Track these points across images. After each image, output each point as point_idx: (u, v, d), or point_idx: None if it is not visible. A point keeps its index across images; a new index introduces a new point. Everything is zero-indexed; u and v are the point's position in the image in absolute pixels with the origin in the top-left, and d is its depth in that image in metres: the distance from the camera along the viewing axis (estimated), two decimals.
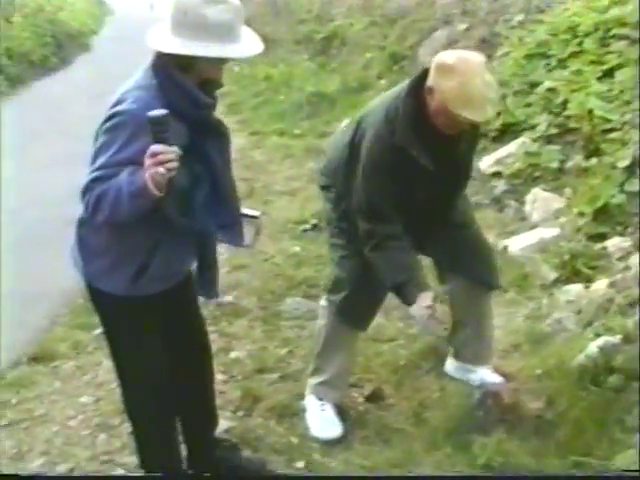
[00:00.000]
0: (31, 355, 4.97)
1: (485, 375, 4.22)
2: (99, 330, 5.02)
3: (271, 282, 5.85)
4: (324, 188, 4.08)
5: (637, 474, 3.15)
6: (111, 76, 15.35)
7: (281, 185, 8.14)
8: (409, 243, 3.75)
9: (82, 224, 3.14)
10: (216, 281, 3.33)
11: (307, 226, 6.87)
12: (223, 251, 3.69)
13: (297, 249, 6.48)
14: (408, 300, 3.70)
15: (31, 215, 7.23)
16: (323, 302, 4.18)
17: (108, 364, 4.66)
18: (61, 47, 18.49)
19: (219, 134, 3.14)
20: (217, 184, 3.10)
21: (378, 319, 4.51)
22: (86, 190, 2.87)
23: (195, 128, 2.99)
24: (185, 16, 2.87)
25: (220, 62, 2.99)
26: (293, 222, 7.03)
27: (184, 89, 2.93)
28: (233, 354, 4.85)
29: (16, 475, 3.84)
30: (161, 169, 2.68)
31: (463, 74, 3.39)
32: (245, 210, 3.27)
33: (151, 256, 3.06)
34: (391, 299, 4.04)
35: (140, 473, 3.54)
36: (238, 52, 2.95)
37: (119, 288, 3.11)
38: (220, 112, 3.20)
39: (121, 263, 3.09)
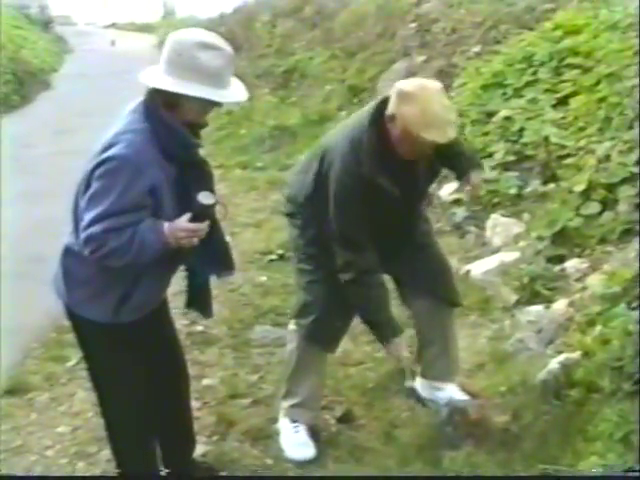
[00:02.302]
0: (5, 388, 4.99)
1: (452, 393, 4.33)
2: (72, 362, 5.15)
3: (240, 311, 5.94)
4: (290, 215, 4.16)
5: (637, 474, 3.26)
6: (72, 113, 15.43)
7: (246, 217, 8.22)
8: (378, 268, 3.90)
9: (67, 253, 3.24)
10: (211, 300, 3.50)
11: (273, 256, 6.96)
12: None
13: (264, 279, 6.58)
14: (382, 339, 3.95)
15: None
16: (291, 326, 4.26)
17: (83, 394, 4.77)
18: (22, 85, 18.44)
19: (204, 172, 3.26)
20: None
21: (346, 344, 4.64)
22: (96, 239, 2.98)
23: (182, 167, 3.11)
24: (179, 57, 2.99)
25: (208, 105, 3.10)
26: (259, 252, 7.11)
27: (175, 131, 3.04)
28: (206, 381, 4.93)
29: (16, 475, 3.90)
30: (195, 240, 3.02)
31: (423, 99, 3.54)
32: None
33: (134, 286, 3.17)
34: (358, 324, 4.17)
35: None
36: (227, 97, 3.07)
37: (101, 316, 3.20)
38: None
39: (104, 292, 3.19)
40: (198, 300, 3.48)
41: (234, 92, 3.12)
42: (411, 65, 10.93)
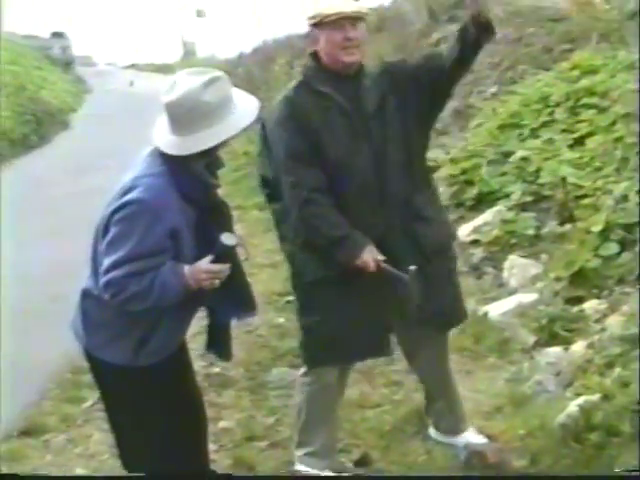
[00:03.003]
0: (21, 429, 4.98)
1: (469, 437, 4.28)
2: (88, 403, 5.13)
3: (257, 353, 5.92)
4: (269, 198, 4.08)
5: (637, 474, 3.23)
6: (90, 153, 15.52)
7: (263, 258, 8.20)
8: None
9: (86, 296, 3.23)
10: (231, 343, 3.48)
11: (290, 298, 6.90)
12: None
13: (281, 320, 6.55)
14: (353, 254, 3.67)
15: (15, 292, 7.27)
16: (300, 378, 4.17)
17: (99, 436, 4.75)
18: (41, 125, 18.65)
19: (223, 214, 3.25)
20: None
21: (363, 386, 4.61)
22: (116, 284, 2.98)
23: (201, 209, 3.11)
24: (190, 113, 2.97)
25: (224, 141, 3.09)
26: (277, 294, 7.08)
27: (194, 174, 3.05)
28: (222, 423, 4.89)
29: (16, 475, 3.88)
30: (216, 282, 3.03)
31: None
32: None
33: (153, 329, 3.16)
34: (376, 366, 4.15)
35: None
36: (235, 127, 3.04)
37: (120, 359, 3.19)
38: None
39: (123, 335, 3.17)
40: (218, 342, 3.47)
41: (240, 116, 3.07)
42: None
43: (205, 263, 3.04)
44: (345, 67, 3.76)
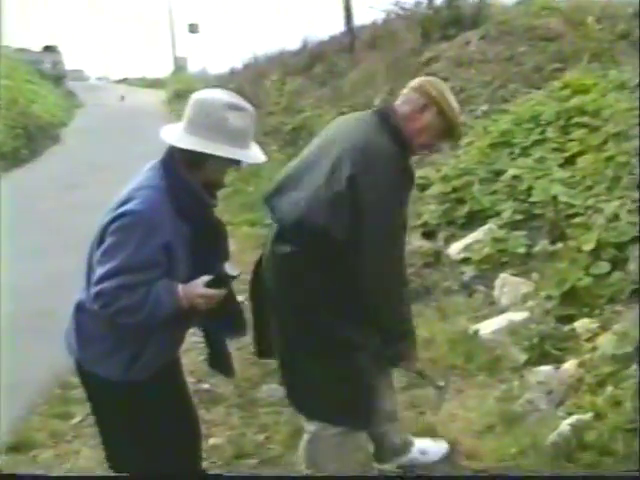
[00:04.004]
0: (9, 444, 4.94)
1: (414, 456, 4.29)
2: (77, 419, 5.11)
3: (247, 370, 5.87)
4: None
5: (637, 474, 3.22)
6: (81, 168, 15.49)
7: None
8: None
9: (80, 309, 3.23)
10: (231, 360, 3.54)
11: None
12: (199, 339, 3.77)
13: None
14: (409, 354, 3.78)
15: (3, 307, 7.23)
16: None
17: (88, 452, 4.72)
18: (32, 139, 18.61)
19: (218, 233, 3.29)
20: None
21: None
22: (108, 295, 2.98)
23: (197, 227, 3.12)
24: (207, 117, 3.02)
25: (228, 165, 3.15)
26: None
27: (192, 190, 3.07)
28: (212, 440, 4.86)
29: (16, 475, 3.85)
30: (211, 304, 3.06)
31: (448, 93, 3.69)
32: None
33: (146, 344, 3.16)
34: None
35: None
36: (252, 158, 3.13)
37: (112, 373, 3.18)
38: None
39: (116, 350, 3.17)
40: (218, 360, 3.51)
41: (256, 153, 3.17)
42: None
43: (201, 287, 3.05)
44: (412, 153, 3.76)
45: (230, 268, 3.08)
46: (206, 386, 5.55)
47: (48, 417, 5.33)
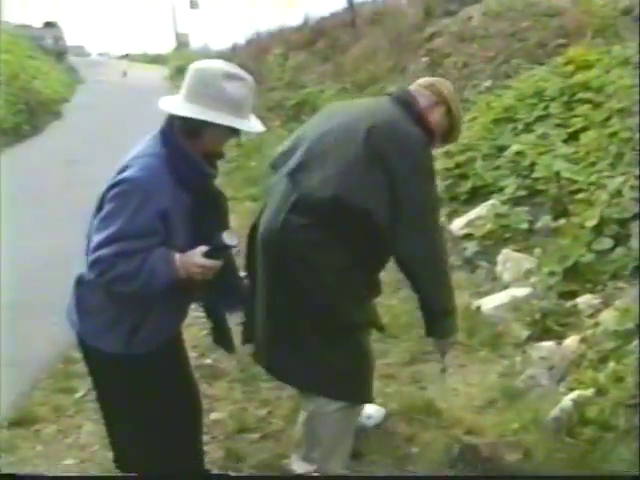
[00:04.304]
0: (12, 419, 4.93)
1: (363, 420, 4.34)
2: (80, 394, 5.11)
3: (249, 345, 5.89)
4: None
5: (637, 474, 3.23)
6: (82, 143, 15.46)
7: None
8: None
9: (80, 283, 3.22)
10: (231, 335, 3.55)
11: None
12: (201, 314, 3.76)
13: None
14: (454, 330, 3.82)
15: (7, 281, 7.24)
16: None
17: (90, 427, 4.73)
18: (33, 115, 18.56)
19: (219, 205, 3.26)
20: None
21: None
22: (104, 262, 2.96)
23: (197, 197, 3.11)
24: (205, 87, 3.01)
25: (228, 135, 3.12)
26: None
27: (191, 159, 3.05)
28: (214, 415, 4.87)
29: (16, 475, 3.86)
30: (208, 275, 3.04)
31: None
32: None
33: (145, 317, 3.15)
34: None
35: None
36: (251, 127, 3.11)
37: (113, 346, 3.17)
38: None
39: (116, 322, 3.16)
40: (220, 335, 3.51)
41: (254, 123, 3.15)
42: None
43: (199, 257, 3.02)
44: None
45: (228, 237, 3.04)
46: (208, 361, 5.55)
47: (51, 392, 5.32)
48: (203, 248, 3.04)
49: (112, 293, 3.08)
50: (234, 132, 3.11)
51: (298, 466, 3.93)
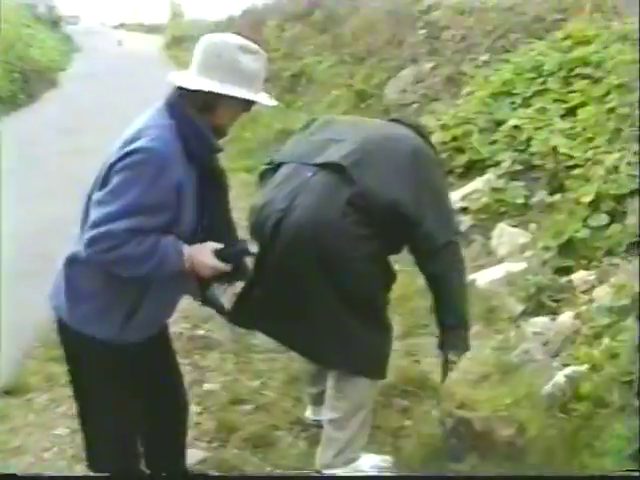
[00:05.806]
0: (4, 388, 4.93)
1: None
2: None
3: None
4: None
5: (637, 474, 3.23)
6: (78, 112, 15.40)
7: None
8: None
9: (72, 263, 3.03)
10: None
11: None
12: None
13: None
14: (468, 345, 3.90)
15: (1, 250, 7.20)
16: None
17: None
18: (29, 83, 18.47)
19: (221, 182, 3.15)
20: (213, 229, 3.10)
21: None
22: (114, 237, 2.79)
23: (203, 172, 3.02)
24: (219, 59, 2.94)
25: (240, 108, 3.05)
26: None
27: (200, 131, 2.94)
28: (207, 386, 4.88)
29: (16, 475, 3.85)
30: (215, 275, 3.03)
31: None
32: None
33: (141, 301, 3.02)
34: None
35: None
36: (266, 100, 3.04)
37: (106, 333, 3.03)
38: None
39: (111, 307, 3.02)
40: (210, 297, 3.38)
41: (267, 97, 3.08)
42: (419, 72, 10.92)
43: (212, 257, 2.98)
44: None
45: (251, 245, 3.07)
46: (201, 332, 5.55)
47: (44, 360, 5.29)
48: (213, 245, 3.01)
49: (110, 275, 2.92)
50: (247, 106, 3.05)
51: (324, 414, 3.97)
